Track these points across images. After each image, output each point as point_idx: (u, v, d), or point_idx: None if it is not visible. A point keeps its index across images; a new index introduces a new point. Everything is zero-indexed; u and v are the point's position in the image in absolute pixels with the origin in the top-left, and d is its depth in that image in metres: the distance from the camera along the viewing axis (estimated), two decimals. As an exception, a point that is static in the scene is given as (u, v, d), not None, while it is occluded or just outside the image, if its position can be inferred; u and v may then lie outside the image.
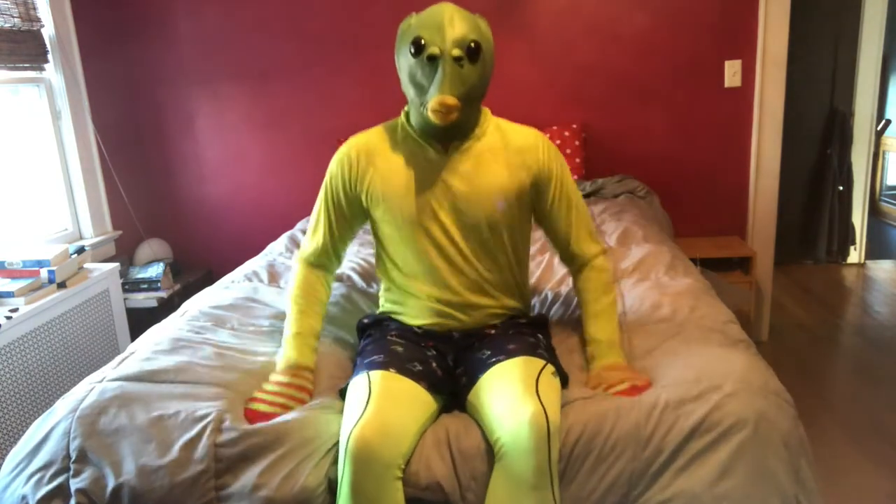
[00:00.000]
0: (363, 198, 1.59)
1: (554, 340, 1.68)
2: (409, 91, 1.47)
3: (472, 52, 1.41)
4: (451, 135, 1.52)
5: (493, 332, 1.57)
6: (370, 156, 1.57)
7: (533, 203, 1.61)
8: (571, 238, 1.64)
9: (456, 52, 1.38)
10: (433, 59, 1.39)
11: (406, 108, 1.58)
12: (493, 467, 1.30)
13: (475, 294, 1.56)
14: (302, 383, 1.50)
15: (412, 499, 1.32)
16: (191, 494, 1.33)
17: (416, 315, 1.59)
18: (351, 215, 1.63)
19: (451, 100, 1.37)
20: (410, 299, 1.59)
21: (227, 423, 1.38)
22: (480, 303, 1.57)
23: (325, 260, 1.67)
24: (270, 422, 1.38)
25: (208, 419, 1.38)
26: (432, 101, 1.38)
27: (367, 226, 1.71)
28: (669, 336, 1.59)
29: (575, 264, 1.67)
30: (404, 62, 1.45)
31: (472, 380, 1.44)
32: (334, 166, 1.61)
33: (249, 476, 1.33)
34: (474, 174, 1.53)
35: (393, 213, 1.54)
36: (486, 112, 1.58)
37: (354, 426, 1.26)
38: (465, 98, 1.42)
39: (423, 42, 1.40)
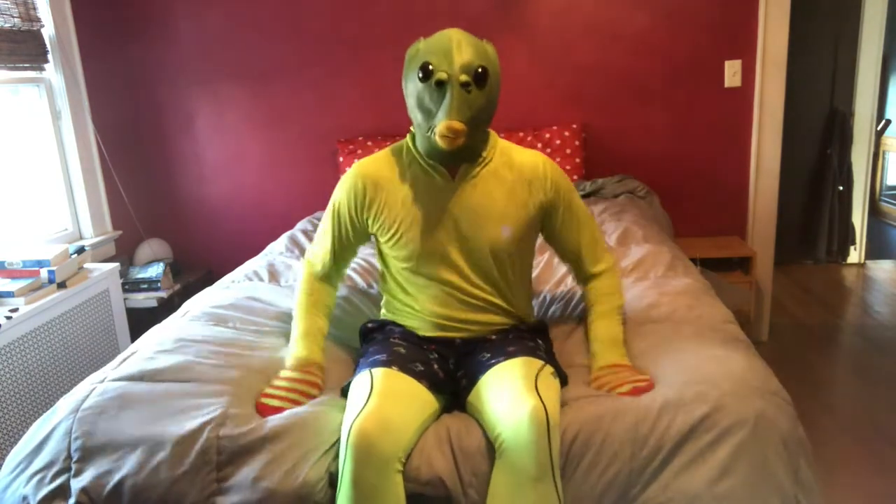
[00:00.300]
0: (370, 225, 1.61)
1: (554, 344, 1.69)
2: (417, 116, 1.47)
3: (480, 77, 1.42)
4: (458, 159, 1.52)
5: (493, 337, 1.59)
6: (377, 184, 1.57)
7: (540, 226, 1.64)
8: (583, 257, 1.67)
9: (463, 77, 1.39)
10: (441, 84, 1.40)
11: (412, 130, 1.58)
12: (493, 463, 1.31)
13: (478, 314, 1.58)
14: (312, 379, 1.52)
15: (414, 494, 1.32)
16: (192, 486, 1.34)
17: (418, 327, 1.61)
18: (356, 240, 1.67)
19: (459, 125, 1.38)
20: (412, 316, 1.61)
21: (231, 419, 1.38)
22: (483, 321, 1.59)
23: (329, 272, 1.71)
24: (278, 415, 1.39)
25: (211, 415, 1.39)
26: (440, 125, 1.39)
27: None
28: (668, 335, 1.59)
29: (586, 277, 1.70)
30: (412, 87, 1.46)
31: (473, 381, 1.45)
32: (342, 194, 1.61)
33: (251, 468, 1.34)
34: (480, 201, 1.54)
35: (400, 241, 1.55)
36: (493, 135, 1.59)
37: (355, 419, 1.27)
38: (472, 123, 1.43)
39: (431, 67, 1.41)
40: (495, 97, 1.48)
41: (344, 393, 1.49)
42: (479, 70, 1.41)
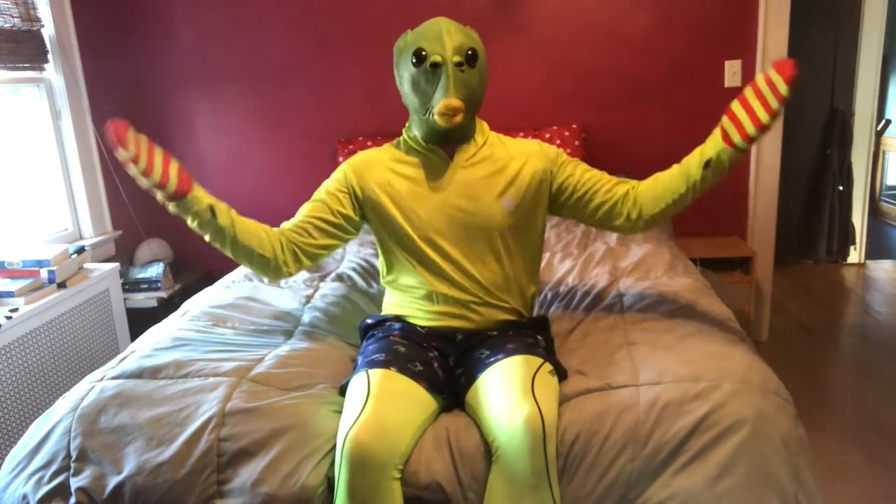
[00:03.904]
0: (372, 207, 1.61)
1: (554, 342, 1.68)
2: (414, 100, 1.53)
3: (471, 58, 1.50)
4: (453, 139, 1.58)
5: (494, 333, 1.59)
6: (377, 167, 1.62)
7: (548, 198, 1.64)
8: (609, 184, 1.60)
9: (456, 58, 1.47)
10: (436, 67, 1.48)
11: (407, 125, 1.64)
12: (490, 469, 1.30)
13: (483, 297, 1.58)
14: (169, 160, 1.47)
15: (413, 498, 1.32)
16: (193, 489, 1.34)
17: (422, 318, 1.61)
18: (344, 219, 1.61)
19: (457, 102, 1.46)
20: (417, 304, 1.61)
21: (230, 418, 1.38)
22: (488, 305, 1.59)
23: (294, 237, 1.59)
24: (278, 416, 1.38)
25: (211, 413, 1.39)
26: (439, 104, 1.47)
27: (366, 225, 1.71)
28: (668, 335, 1.59)
29: (626, 198, 1.59)
30: (406, 74, 1.52)
31: (471, 379, 1.45)
32: (340, 174, 1.64)
33: (251, 471, 1.34)
34: (479, 177, 1.58)
35: (403, 222, 1.57)
36: (485, 125, 1.66)
37: (350, 428, 1.26)
38: (468, 101, 1.50)
39: (424, 52, 1.48)
40: (485, 78, 1.55)
41: (343, 392, 1.49)
42: (470, 51, 1.49)
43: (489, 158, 1.61)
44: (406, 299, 1.63)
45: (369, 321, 1.68)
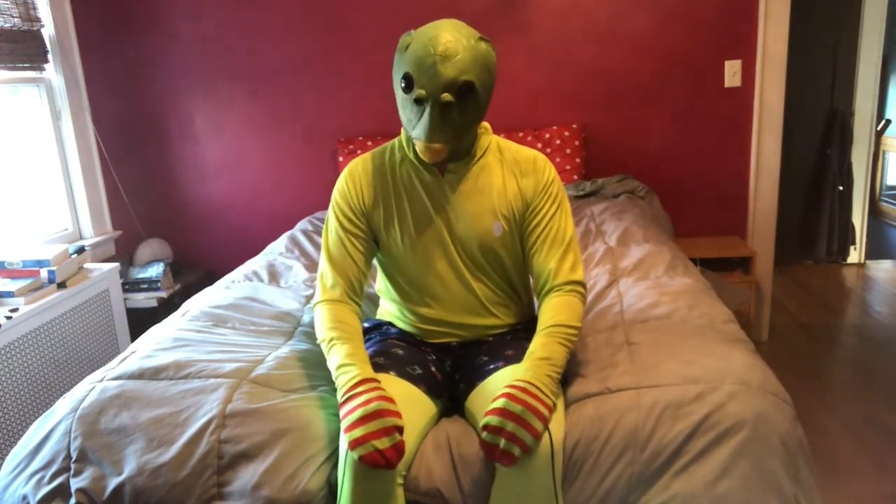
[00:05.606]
0: (370, 218, 1.55)
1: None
2: (402, 117, 1.43)
3: (464, 92, 1.33)
4: (447, 158, 1.48)
5: (490, 339, 1.57)
6: (369, 181, 1.53)
7: (525, 221, 1.53)
8: (559, 263, 1.48)
9: (445, 96, 1.32)
10: (420, 102, 1.34)
11: (403, 130, 1.55)
12: (493, 473, 1.30)
13: (474, 315, 1.55)
14: (380, 394, 1.26)
15: (413, 503, 1.32)
16: (193, 491, 1.34)
17: (415, 331, 1.59)
18: (365, 235, 1.54)
19: (436, 146, 1.35)
20: (409, 318, 1.59)
21: (231, 420, 1.38)
22: (479, 323, 1.56)
23: (349, 292, 1.51)
24: (278, 418, 1.38)
25: (211, 415, 1.39)
26: (418, 143, 1.37)
27: None
28: (668, 335, 1.58)
29: (553, 285, 1.48)
30: (398, 87, 1.40)
31: (471, 386, 1.44)
32: (338, 196, 1.56)
33: (252, 474, 1.33)
34: (471, 195, 1.50)
35: (394, 237, 1.52)
36: (487, 129, 1.54)
37: None
38: (453, 139, 1.37)
39: (412, 81, 1.34)
40: (485, 102, 1.40)
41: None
42: (464, 85, 1.33)
43: (482, 176, 1.50)
44: (398, 310, 1.61)
45: (366, 325, 1.67)
